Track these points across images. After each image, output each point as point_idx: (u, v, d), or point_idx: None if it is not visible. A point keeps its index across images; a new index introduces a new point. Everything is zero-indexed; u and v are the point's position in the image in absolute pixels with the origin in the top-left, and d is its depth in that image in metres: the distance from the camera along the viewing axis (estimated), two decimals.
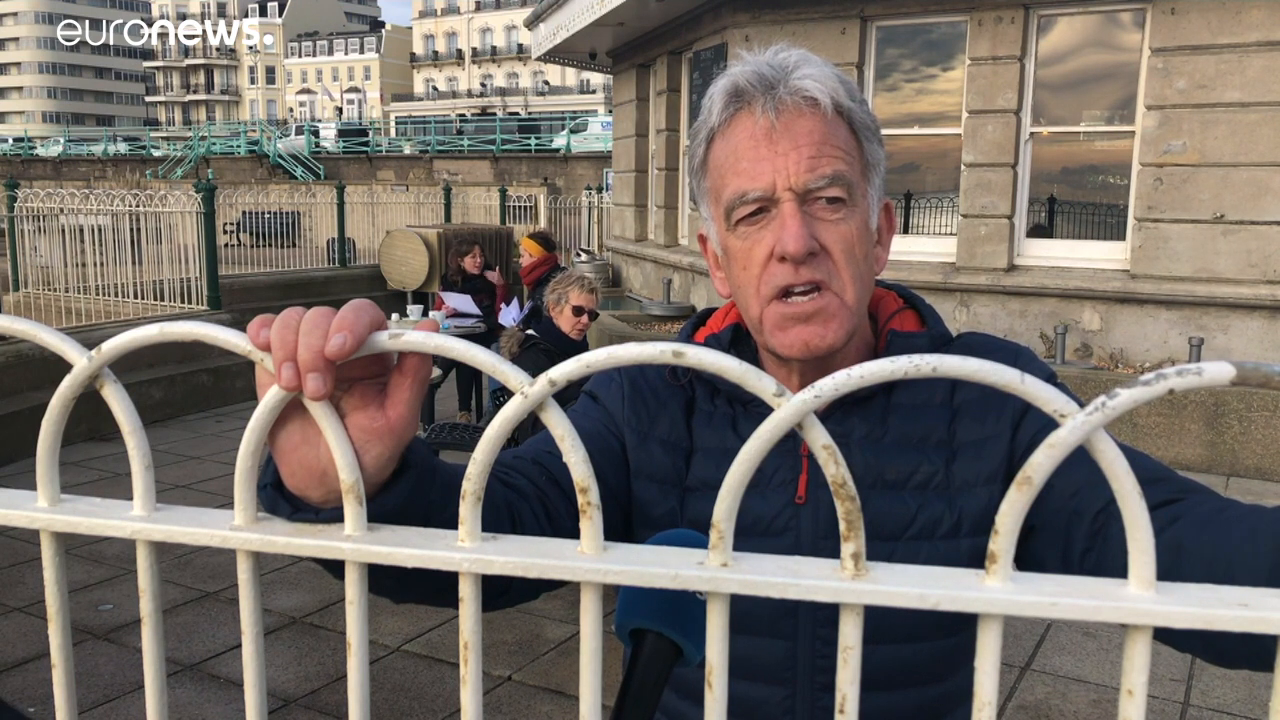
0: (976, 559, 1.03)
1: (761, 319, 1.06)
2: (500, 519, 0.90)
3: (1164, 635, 0.72)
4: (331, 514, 0.58)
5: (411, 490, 0.70)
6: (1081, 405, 0.42)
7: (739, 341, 1.18)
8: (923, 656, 1.07)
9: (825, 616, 1.05)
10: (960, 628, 1.07)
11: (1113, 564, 0.89)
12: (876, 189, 1.09)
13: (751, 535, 1.07)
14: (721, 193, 1.06)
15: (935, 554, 1.04)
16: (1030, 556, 0.98)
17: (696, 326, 1.24)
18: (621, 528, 1.13)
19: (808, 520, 1.08)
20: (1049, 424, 0.41)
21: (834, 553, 1.14)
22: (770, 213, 1.03)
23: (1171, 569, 0.67)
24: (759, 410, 1.09)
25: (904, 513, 1.05)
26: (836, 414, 1.08)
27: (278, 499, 0.65)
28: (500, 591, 0.91)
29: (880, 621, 0.57)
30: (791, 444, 1.06)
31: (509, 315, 7.32)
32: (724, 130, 1.06)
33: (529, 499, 0.97)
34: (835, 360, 1.07)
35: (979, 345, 1.13)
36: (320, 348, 0.55)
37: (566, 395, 0.62)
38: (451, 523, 0.54)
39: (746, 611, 0.94)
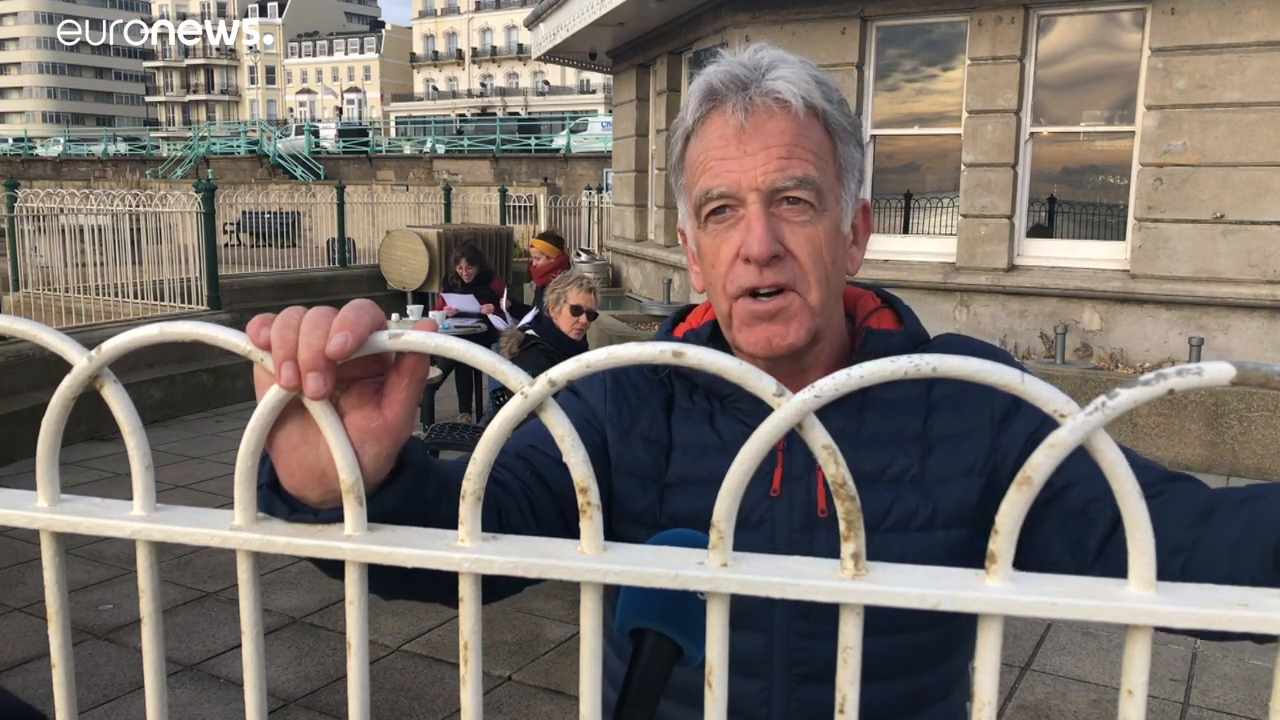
0: (951, 551, 1.04)
1: (730, 315, 1.07)
2: (489, 515, 0.91)
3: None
4: (330, 514, 0.58)
5: (409, 490, 0.70)
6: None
7: (718, 337, 1.19)
8: (919, 647, 1.08)
9: (801, 608, 1.04)
10: (948, 618, 1.07)
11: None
12: (851, 192, 1.09)
13: None
14: (693, 190, 1.08)
15: (910, 545, 1.05)
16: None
17: (676, 323, 1.25)
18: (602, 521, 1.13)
19: (782, 513, 1.08)
20: (1046, 422, 0.41)
21: (808, 546, 1.14)
22: (738, 212, 1.04)
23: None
24: (735, 405, 1.11)
25: (879, 505, 1.06)
26: None
27: (274, 499, 0.65)
28: (490, 588, 0.91)
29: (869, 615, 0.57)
30: None
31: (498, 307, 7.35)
32: (698, 129, 1.08)
33: (514, 494, 0.99)
34: (807, 358, 1.09)
35: (957, 346, 1.13)
36: (321, 347, 0.55)
37: None
38: (447, 521, 0.54)
39: None
